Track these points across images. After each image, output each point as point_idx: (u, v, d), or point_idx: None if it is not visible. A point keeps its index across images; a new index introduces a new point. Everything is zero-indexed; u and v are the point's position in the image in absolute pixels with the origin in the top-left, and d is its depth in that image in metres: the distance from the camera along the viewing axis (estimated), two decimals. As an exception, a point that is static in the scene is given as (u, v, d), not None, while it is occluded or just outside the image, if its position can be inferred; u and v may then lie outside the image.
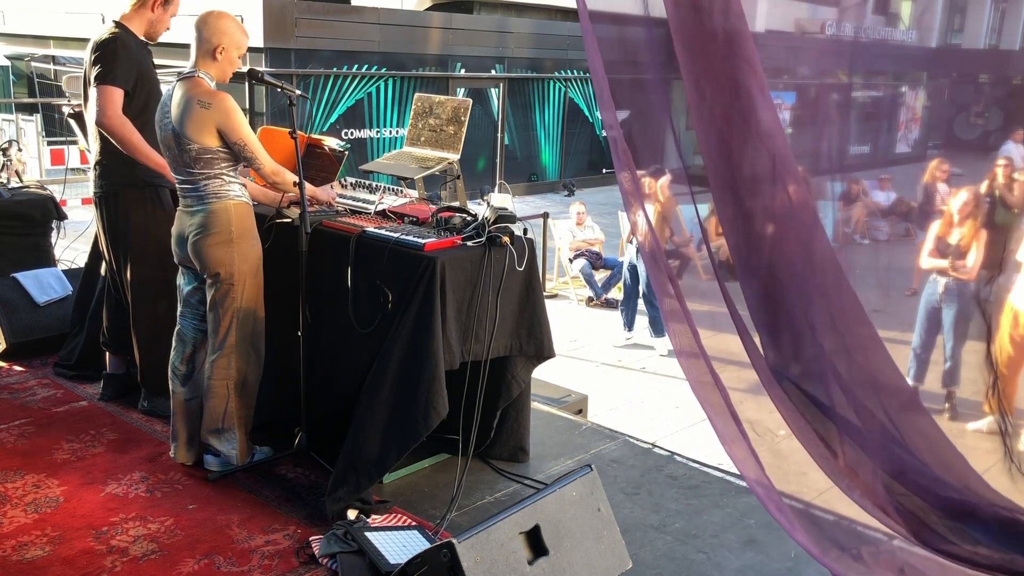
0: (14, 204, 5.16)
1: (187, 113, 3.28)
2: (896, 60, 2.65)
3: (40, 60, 17.26)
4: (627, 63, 2.68)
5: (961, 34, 2.55)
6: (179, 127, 3.30)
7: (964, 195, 2.33)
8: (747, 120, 2.35)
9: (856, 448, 2.32)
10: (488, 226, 3.40)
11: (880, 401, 2.29)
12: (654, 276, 2.87)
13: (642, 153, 2.73)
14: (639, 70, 2.68)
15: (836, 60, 2.57)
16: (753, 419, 2.51)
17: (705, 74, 2.35)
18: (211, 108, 3.26)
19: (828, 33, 2.51)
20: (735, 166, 2.40)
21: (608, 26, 2.64)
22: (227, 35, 3.36)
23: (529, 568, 2.62)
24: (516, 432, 3.80)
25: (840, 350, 2.34)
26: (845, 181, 2.55)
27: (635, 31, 2.61)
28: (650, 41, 2.54)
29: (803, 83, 2.65)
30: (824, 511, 2.53)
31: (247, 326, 3.48)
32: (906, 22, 2.56)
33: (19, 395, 4.35)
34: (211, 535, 3.18)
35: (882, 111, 2.69)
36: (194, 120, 3.27)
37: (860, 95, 2.63)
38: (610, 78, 2.57)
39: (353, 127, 14.39)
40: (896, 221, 2.46)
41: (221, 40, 3.35)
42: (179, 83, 3.35)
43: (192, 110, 3.27)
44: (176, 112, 3.31)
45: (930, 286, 2.51)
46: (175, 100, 3.33)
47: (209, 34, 3.34)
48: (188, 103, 3.28)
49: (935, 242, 2.39)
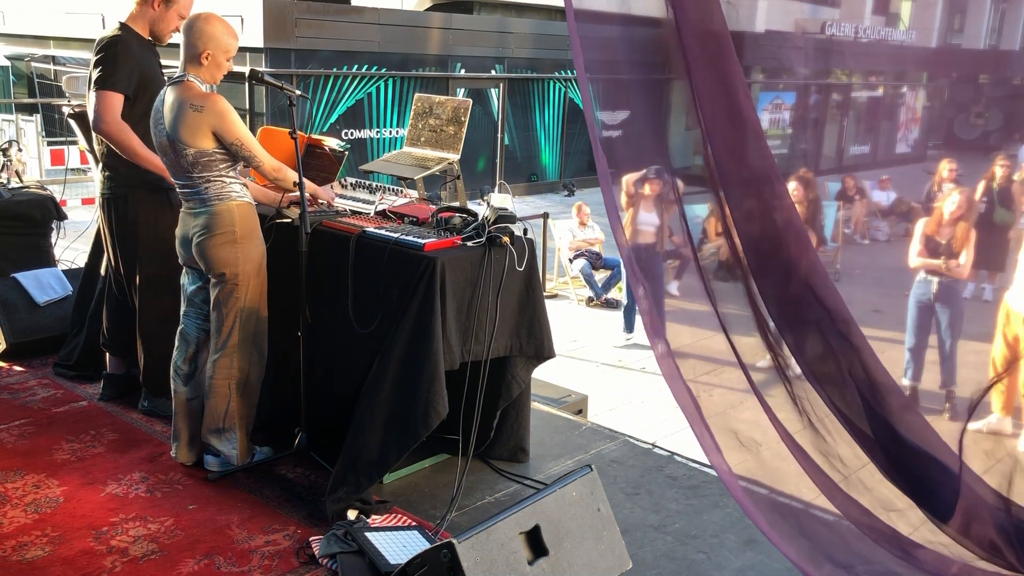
0: (14, 204, 5.16)
1: (180, 118, 3.26)
2: (896, 60, 2.66)
3: (40, 60, 17.26)
4: (618, 63, 2.68)
5: (961, 34, 2.55)
6: (173, 132, 3.29)
7: (956, 197, 2.33)
8: (744, 120, 2.36)
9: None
10: (488, 226, 3.40)
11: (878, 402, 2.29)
12: (631, 277, 2.87)
13: (641, 155, 2.74)
14: (633, 71, 2.69)
15: (836, 60, 2.57)
16: (750, 420, 2.51)
17: (701, 73, 2.36)
18: (204, 111, 3.25)
19: (828, 33, 2.51)
20: (741, 165, 2.41)
21: (598, 25, 2.64)
22: (213, 39, 3.33)
23: (529, 568, 2.62)
24: (516, 432, 3.80)
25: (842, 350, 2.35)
26: (843, 179, 2.56)
27: (626, 30, 2.61)
28: (646, 41, 2.55)
29: (803, 83, 2.66)
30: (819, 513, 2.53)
31: (250, 326, 3.48)
32: (906, 22, 2.56)
33: (19, 395, 4.35)
34: (211, 535, 3.18)
35: (882, 111, 2.69)
36: (188, 124, 3.26)
37: (860, 95, 2.63)
38: (603, 78, 2.58)
39: (353, 127, 14.39)
40: (896, 221, 2.47)
41: (207, 45, 3.32)
42: (170, 87, 3.34)
43: (185, 114, 3.25)
44: (169, 117, 3.30)
45: (920, 285, 2.51)
46: (167, 105, 3.32)
47: (195, 39, 3.32)
48: (181, 107, 3.27)
49: (923, 240, 2.39)
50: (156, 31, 3.89)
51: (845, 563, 2.42)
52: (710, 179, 2.43)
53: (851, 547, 2.44)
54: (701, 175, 2.71)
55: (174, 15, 3.87)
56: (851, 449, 2.34)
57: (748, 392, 2.52)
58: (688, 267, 2.69)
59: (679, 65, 2.38)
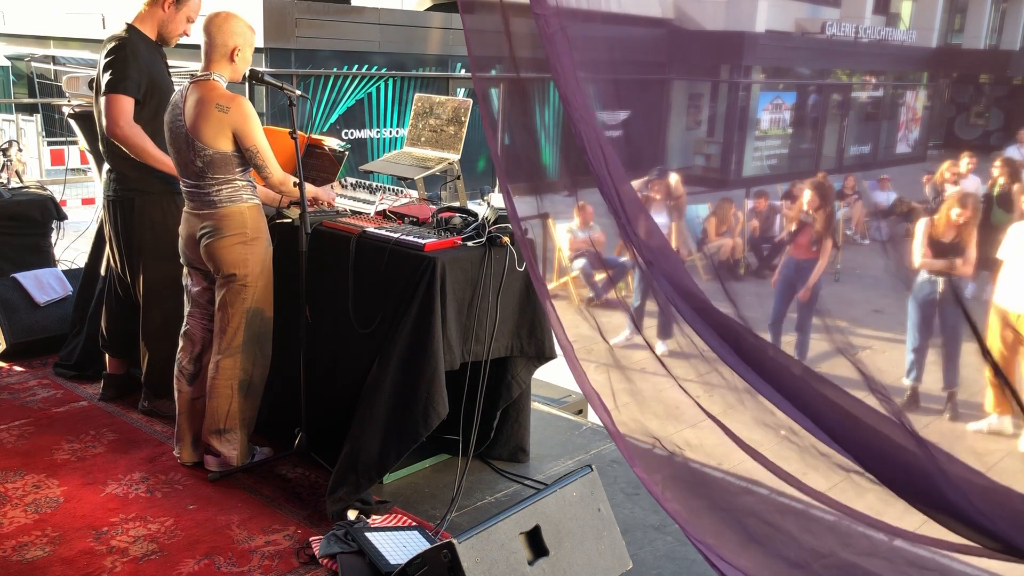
0: (14, 204, 5.16)
1: (203, 117, 3.26)
2: (896, 60, 2.66)
3: (40, 60, 17.25)
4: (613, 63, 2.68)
5: (961, 34, 2.55)
6: (193, 131, 3.29)
7: (961, 196, 2.33)
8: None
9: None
10: (488, 226, 3.40)
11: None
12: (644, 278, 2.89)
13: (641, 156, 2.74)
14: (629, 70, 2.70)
15: (836, 60, 2.57)
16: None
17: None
18: (229, 112, 3.26)
19: (828, 33, 2.51)
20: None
21: (588, 25, 2.65)
22: (241, 35, 3.37)
23: (529, 568, 2.62)
24: (516, 432, 3.80)
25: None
26: (843, 179, 2.56)
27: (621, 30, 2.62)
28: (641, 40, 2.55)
29: (803, 83, 2.66)
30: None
31: (255, 326, 3.48)
32: (906, 22, 2.56)
33: (19, 395, 4.35)
34: (211, 535, 3.18)
35: (882, 111, 2.69)
36: (211, 124, 3.26)
37: (860, 95, 2.63)
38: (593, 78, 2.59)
39: (353, 127, 14.38)
40: (896, 221, 2.46)
41: (237, 41, 3.35)
42: (193, 86, 3.34)
43: (209, 113, 3.26)
44: (191, 115, 3.29)
45: (922, 286, 2.50)
46: (189, 103, 3.31)
47: (225, 37, 3.34)
48: (205, 106, 3.27)
49: (927, 240, 2.38)
50: (164, 33, 3.87)
51: (799, 561, 2.40)
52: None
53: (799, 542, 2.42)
54: (701, 175, 2.72)
55: (183, 17, 3.86)
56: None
57: (751, 392, 2.52)
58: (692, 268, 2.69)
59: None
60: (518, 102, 2.74)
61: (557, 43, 2.36)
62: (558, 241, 4.17)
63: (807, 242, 2.47)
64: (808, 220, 2.41)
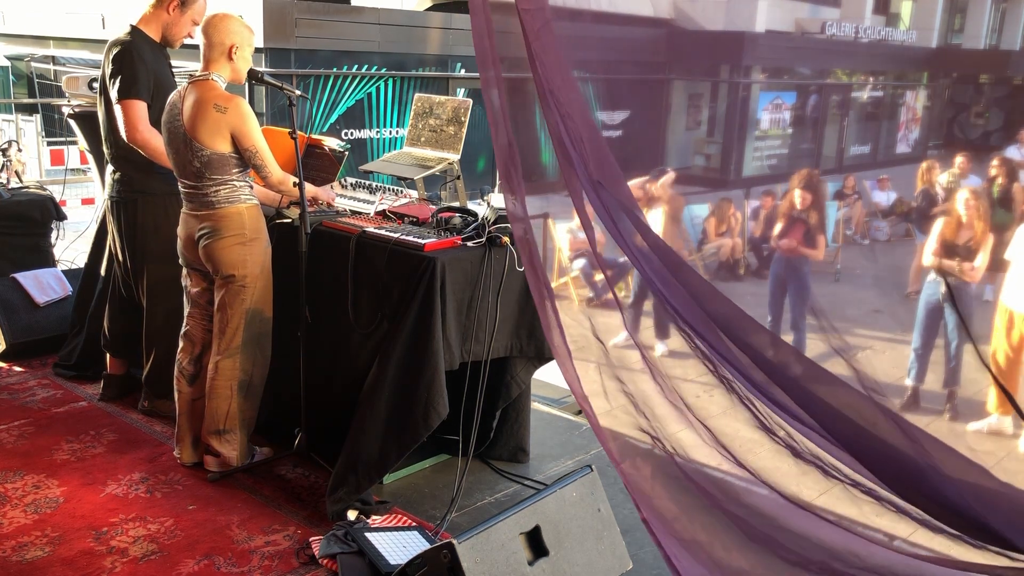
0: (14, 204, 5.16)
1: (201, 117, 3.26)
2: (896, 60, 2.66)
3: (40, 60, 17.24)
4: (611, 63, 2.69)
5: (961, 34, 2.55)
6: (191, 132, 3.28)
7: (970, 197, 2.33)
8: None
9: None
10: (488, 226, 3.40)
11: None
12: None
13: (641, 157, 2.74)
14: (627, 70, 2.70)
15: (836, 60, 2.57)
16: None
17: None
18: (227, 112, 3.26)
19: (828, 33, 2.51)
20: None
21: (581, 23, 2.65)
22: (237, 34, 3.36)
23: (529, 569, 2.62)
24: (516, 433, 3.80)
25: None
26: (843, 179, 2.56)
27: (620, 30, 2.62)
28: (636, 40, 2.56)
29: (803, 83, 2.66)
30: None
31: (255, 327, 3.48)
32: (906, 22, 2.56)
33: (19, 395, 4.35)
34: (211, 536, 3.18)
35: (882, 111, 2.69)
36: (209, 124, 3.26)
37: (860, 95, 2.63)
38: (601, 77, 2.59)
39: (353, 127, 14.37)
40: (896, 221, 2.46)
41: (233, 39, 3.35)
42: (191, 86, 3.34)
43: (207, 114, 3.25)
44: (189, 116, 3.29)
45: (930, 286, 2.50)
46: (187, 104, 3.31)
47: (221, 36, 3.33)
48: (203, 107, 3.26)
49: (940, 242, 2.38)
50: (169, 35, 3.86)
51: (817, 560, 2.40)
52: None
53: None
54: (701, 175, 2.71)
55: (188, 20, 3.84)
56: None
57: (752, 393, 2.52)
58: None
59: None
60: (518, 102, 2.73)
61: (544, 38, 2.36)
62: (558, 241, 4.16)
63: (798, 239, 2.47)
64: (801, 217, 2.41)
